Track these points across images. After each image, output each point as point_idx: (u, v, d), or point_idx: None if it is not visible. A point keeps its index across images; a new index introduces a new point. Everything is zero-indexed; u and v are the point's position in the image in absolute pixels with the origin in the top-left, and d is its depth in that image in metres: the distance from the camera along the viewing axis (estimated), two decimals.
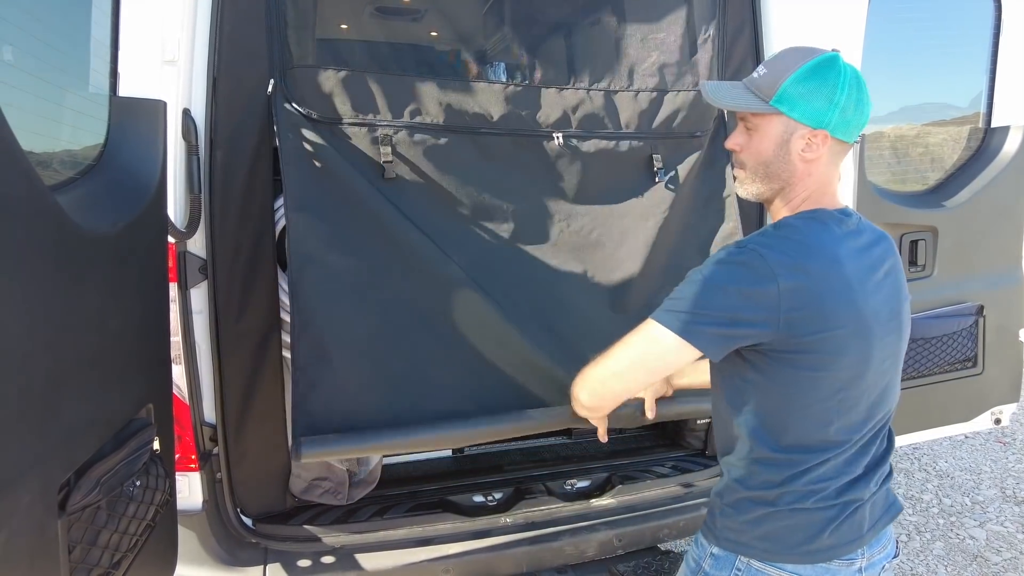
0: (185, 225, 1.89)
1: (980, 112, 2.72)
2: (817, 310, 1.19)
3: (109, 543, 1.30)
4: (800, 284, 1.18)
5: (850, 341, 1.22)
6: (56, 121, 1.48)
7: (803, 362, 1.22)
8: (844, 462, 1.29)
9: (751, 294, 1.19)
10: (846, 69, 1.26)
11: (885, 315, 1.27)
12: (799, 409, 1.26)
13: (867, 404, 1.29)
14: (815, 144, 1.27)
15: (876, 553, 1.34)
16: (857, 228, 1.30)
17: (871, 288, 1.25)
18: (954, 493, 4.00)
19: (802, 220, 1.28)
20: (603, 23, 2.29)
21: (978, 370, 2.71)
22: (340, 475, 2.34)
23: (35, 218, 1.06)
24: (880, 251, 1.31)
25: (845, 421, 1.27)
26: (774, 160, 1.31)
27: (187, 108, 1.86)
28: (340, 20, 2.26)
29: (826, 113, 1.25)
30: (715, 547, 1.36)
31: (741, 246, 1.25)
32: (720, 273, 1.23)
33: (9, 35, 1.28)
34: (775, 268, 1.18)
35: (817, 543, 1.27)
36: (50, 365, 1.11)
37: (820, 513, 1.27)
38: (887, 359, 1.29)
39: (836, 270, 1.21)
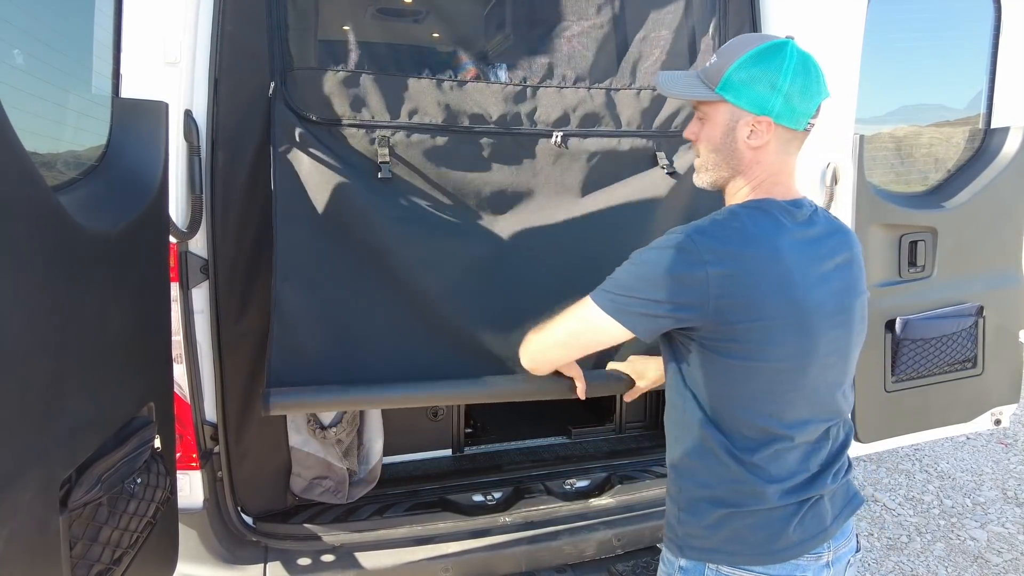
0: (187, 225, 1.90)
1: (980, 113, 2.72)
2: (748, 299, 1.18)
3: (110, 540, 1.31)
4: (731, 271, 1.18)
5: (786, 332, 1.20)
6: (59, 122, 1.49)
7: (736, 351, 1.21)
8: (799, 458, 1.27)
9: (681, 278, 1.19)
10: (793, 55, 1.24)
11: (830, 308, 1.25)
12: (739, 399, 1.24)
13: (815, 399, 1.28)
14: (760, 131, 1.27)
15: (841, 547, 1.33)
16: (808, 220, 1.28)
17: (814, 280, 1.23)
18: (955, 494, 4.00)
19: (745, 208, 1.27)
20: (604, 22, 2.29)
21: (978, 371, 2.71)
22: (340, 474, 2.35)
23: (37, 218, 1.08)
24: (833, 244, 1.29)
25: (791, 414, 1.25)
26: (722, 148, 1.31)
27: (189, 109, 1.87)
28: (341, 22, 2.27)
29: (769, 99, 1.24)
30: (682, 559, 1.33)
31: (679, 231, 1.24)
32: (655, 256, 1.24)
33: (13, 37, 1.29)
34: (706, 254, 1.18)
35: (783, 540, 1.26)
36: (52, 363, 1.12)
37: (781, 510, 1.26)
38: (833, 354, 1.27)
39: (773, 260, 1.20)
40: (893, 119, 2.71)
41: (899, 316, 2.52)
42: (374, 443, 2.46)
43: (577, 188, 2.22)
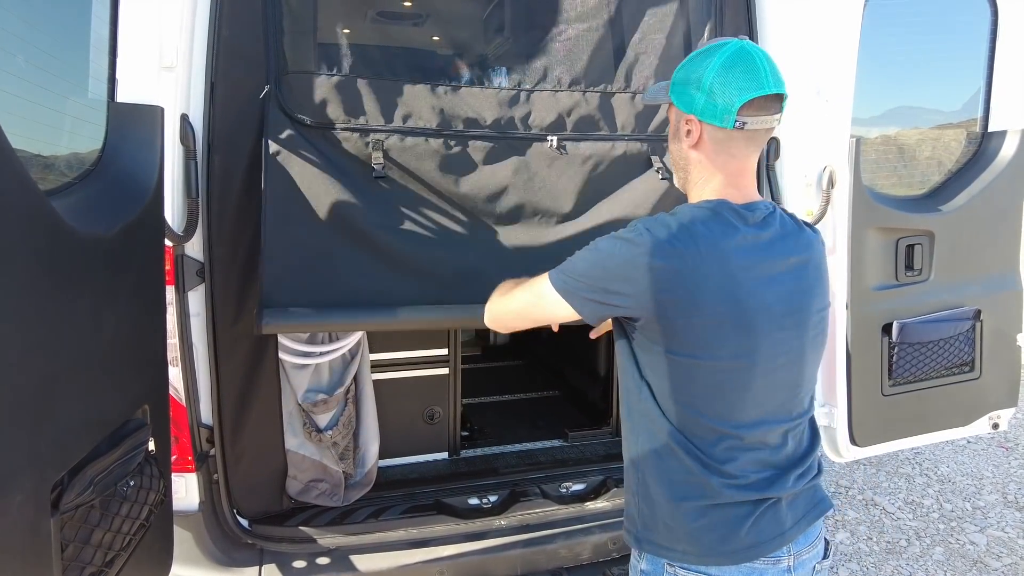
0: (182, 229, 1.91)
1: (977, 116, 2.72)
2: (688, 296, 1.20)
3: (102, 542, 1.31)
4: (674, 267, 1.20)
5: (727, 332, 1.22)
6: (55, 126, 1.50)
7: (678, 348, 1.23)
8: (754, 458, 1.27)
9: (627, 269, 1.22)
10: (724, 53, 1.24)
11: (778, 310, 1.25)
12: (685, 396, 1.26)
13: (766, 400, 1.28)
14: (691, 129, 1.30)
15: (804, 552, 1.31)
16: (762, 222, 1.28)
17: (761, 282, 1.23)
18: (955, 498, 3.99)
19: (698, 208, 1.27)
20: (600, 26, 2.30)
21: (976, 374, 2.70)
22: (336, 477, 2.36)
23: (30, 222, 1.08)
24: (787, 246, 1.29)
25: (739, 415, 1.26)
26: (673, 147, 1.37)
27: (185, 113, 1.88)
28: (339, 25, 2.28)
29: (694, 98, 1.27)
30: (643, 562, 1.34)
31: (635, 224, 1.27)
32: (608, 246, 1.27)
33: (8, 42, 1.30)
34: (654, 248, 1.20)
35: (736, 541, 1.25)
36: (44, 366, 1.12)
37: (734, 509, 1.25)
38: (782, 355, 1.27)
39: (718, 260, 1.21)
40: (889, 122, 2.71)
41: (896, 320, 2.52)
42: (370, 446, 2.46)
43: (572, 192, 2.22)
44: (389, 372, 2.69)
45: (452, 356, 2.79)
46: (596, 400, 3.45)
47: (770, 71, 1.25)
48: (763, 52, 1.27)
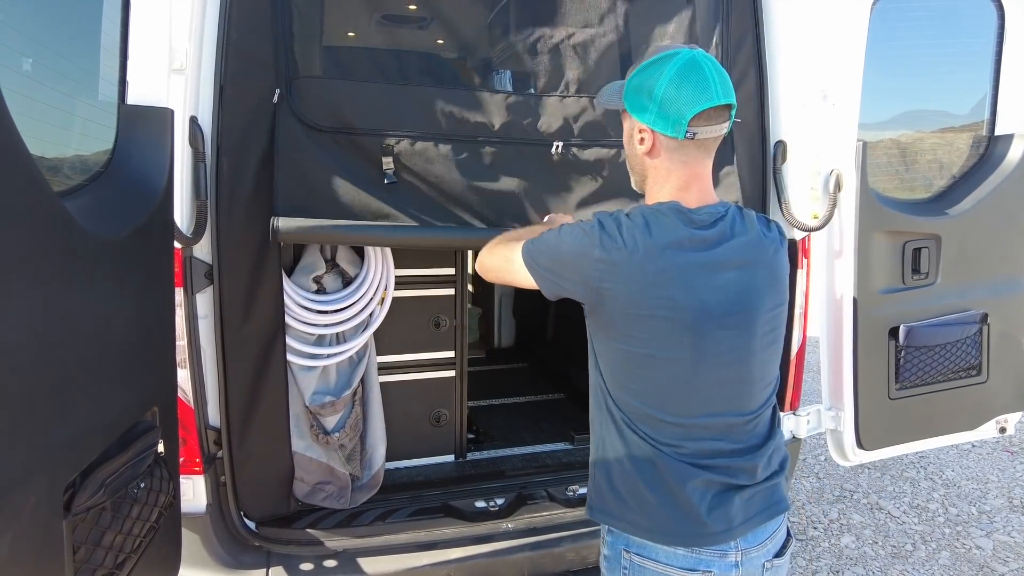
0: (191, 231, 1.91)
1: (984, 119, 2.72)
2: (624, 288, 1.27)
3: (113, 544, 1.31)
4: (613, 260, 1.27)
5: (661, 327, 1.27)
6: (66, 128, 1.51)
7: (617, 336, 1.31)
8: (701, 449, 1.31)
9: (575, 257, 1.32)
10: (676, 64, 1.28)
11: (719, 310, 1.29)
12: (625, 382, 1.33)
13: (713, 396, 1.32)
14: (645, 137, 1.35)
15: (753, 549, 1.33)
16: (710, 225, 1.32)
17: (702, 282, 1.28)
18: (960, 502, 3.98)
19: (647, 208, 1.33)
20: (607, 31, 2.30)
21: (982, 378, 2.69)
22: (343, 479, 2.36)
23: (43, 224, 1.08)
24: (735, 248, 1.32)
25: (680, 408, 1.30)
26: (629, 152, 1.43)
27: (194, 116, 1.89)
28: (346, 29, 2.29)
29: (647, 108, 1.32)
30: (605, 547, 1.41)
31: (594, 216, 1.35)
32: (567, 232, 1.36)
33: (21, 44, 1.30)
34: (601, 241, 1.28)
35: (681, 525, 1.29)
36: (57, 368, 1.13)
37: (679, 493, 1.29)
38: (726, 353, 1.31)
39: (656, 258, 1.26)
40: (896, 126, 2.71)
41: (902, 323, 2.52)
42: (377, 448, 2.46)
43: (578, 197, 2.23)
44: (396, 374, 2.69)
45: (458, 359, 2.79)
46: None
47: (719, 82, 1.29)
48: (713, 62, 1.31)
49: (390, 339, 2.61)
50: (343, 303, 2.33)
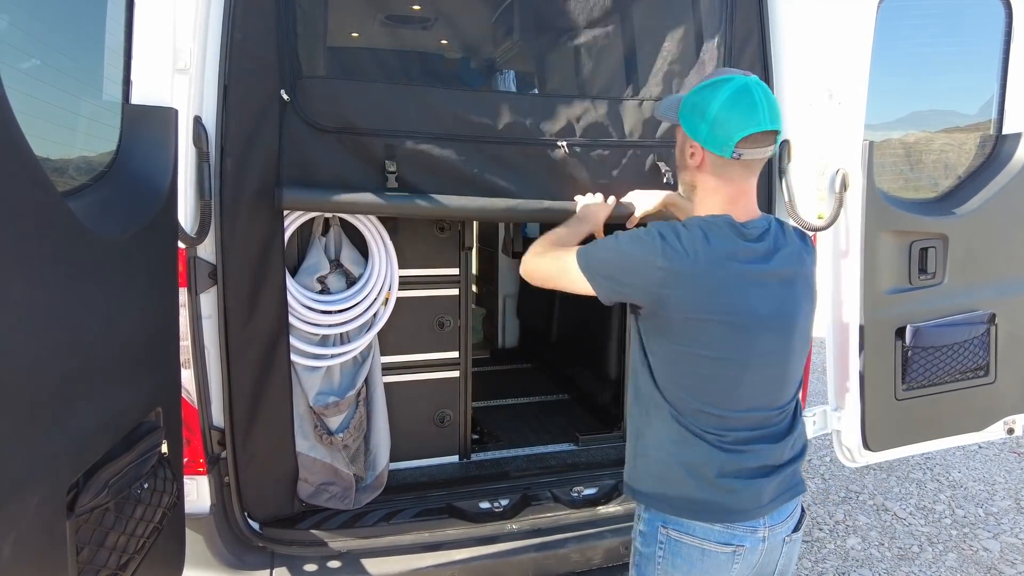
0: (195, 231, 1.91)
1: (991, 119, 2.70)
2: (684, 294, 1.39)
3: (117, 544, 1.31)
4: (675, 268, 1.39)
5: (717, 330, 1.40)
6: (70, 128, 1.51)
7: (673, 337, 1.43)
8: (739, 437, 1.45)
9: (637, 265, 1.43)
10: (729, 90, 1.41)
11: (768, 316, 1.44)
12: (676, 378, 1.45)
13: (753, 391, 1.46)
14: (695, 153, 1.49)
15: (777, 526, 1.49)
16: (758, 237, 1.46)
17: (753, 290, 1.42)
18: (967, 504, 3.96)
19: (702, 221, 1.45)
20: (610, 32, 2.29)
21: (990, 379, 2.67)
22: (347, 480, 2.35)
23: (47, 223, 1.08)
24: (781, 260, 1.46)
25: (729, 403, 1.44)
26: (679, 163, 1.58)
27: (198, 115, 1.88)
28: (350, 30, 2.28)
29: (699, 127, 1.45)
30: (641, 524, 1.52)
31: (652, 227, 1.46)
32: (626, 241, 1.47)
33: (25, 44, 1.30)
34: (663, 251, 1.39)
35: (718, 503, 1.43)
36: (60, 368, 1.12)
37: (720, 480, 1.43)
38: (769, 355, 1.46)
39: (714, 267, 1.39)
40: (903, 125, 2.70)
41: (909, 324, 2.50)
42: (381, 449, 2.46)
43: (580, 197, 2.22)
44: (400, 375, 2.69)
45: (462, 359, 2.78)
46: (607, 404, 3.43)
47: (768, 109, 1.41)
48: (764, 89, 1.43)
49: (394, 339, 2.61)
50: (347, 303, 2.32)
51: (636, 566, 1.55)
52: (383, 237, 2.39)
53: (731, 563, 1.44)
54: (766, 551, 1.48)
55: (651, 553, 1.49)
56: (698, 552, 1.44)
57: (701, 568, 1.44)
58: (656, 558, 1.48)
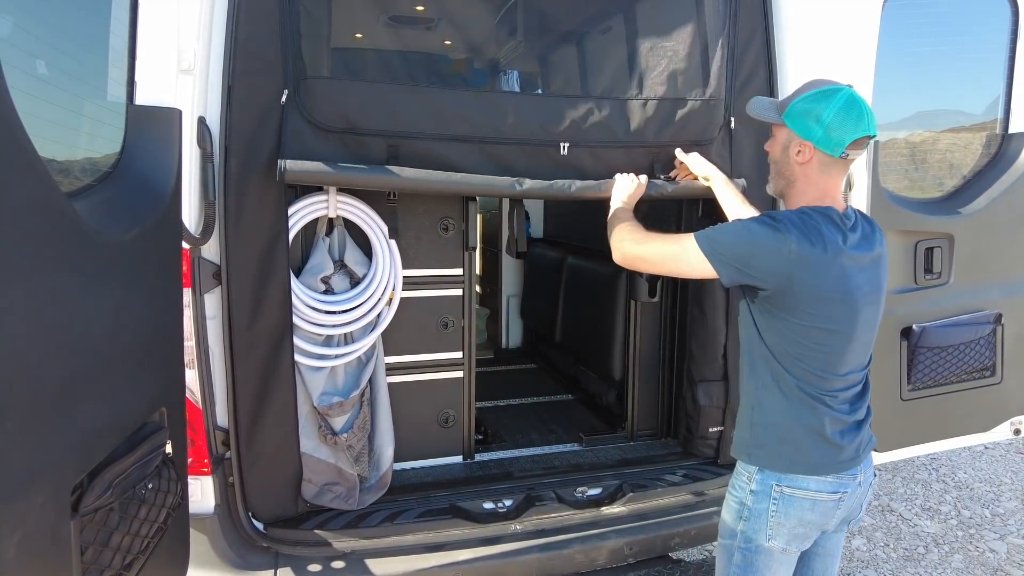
0: (199, 231, 1.91)
1: (997, 118, 2.69)
2: (813, 277, 1.58)
3: (121, 545, 1.31)
4: (806, 254, 1.57)
5: (835, 307, 1.61)
6: (75, 129, 1.51)
7: (798, 315, 1.61)
8: (841, 399, 1.67)
9: (771, 250, 1.59)
10: (842, 99, 1.62)
11: (867, 290, 1.65)
12: (800, 350, 1.63)
13: (854, 356, 1.67)
14: (804, 151, 1.67)
15: (867, 472, 1.75)
16: (854, 225, 1.68)
17: (857, 270, 1.63)
18: (973, 505, 3.94)
19: (816, 211, 1.64)
20: (613, 32, 2.29)
21: (996, 379, 2.66)
22: (351, 480, 2.35)
23: (52, 224, 1.08)
24: (870, 244, 1.68)
25: (837, 367, 1.65)
26: (780, 160, 1.74)
27: (202, 116, 1.88)
28: (354, 31, 2.28)
29: (813, 129, 1.64)
30: (754, 484, 1.70)
31: (773, 215, 1.65)
32: (754, 227, 1.63)
33: (30, 46, 1.31)
34: (793, 236, 1.57)
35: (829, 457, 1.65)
36: (65, 368, 1.13)
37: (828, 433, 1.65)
38: (865, 324, 1.67)
39: (832, 252, 1.59)
40: (908, 124, 2.69)
41: (915, 323, 2.49)
42: (385, 449, 2.46)
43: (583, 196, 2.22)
44: (404, 375, 2.69)
45: (466, 359, 2.78)
46: (611, 404, 3.43)
47: (871, 117, 1.63)
48: (865, 102, 1.64)
49: (398, 340, 2.61)
50: (351, 303, 2.32)
51: (745, 520, 1.71)
52: (387, 237, 2.39)
53: (836, 508, 1.68)
54: (860, 494, 1.73)
55: (763, 508, 1.68)
56: (809, 503, 1.65)
57: (811, 516, 1.66)
58: (769, 513, 1.67)
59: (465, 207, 2.64)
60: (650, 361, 3.14)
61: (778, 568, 1.71)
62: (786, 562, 1.72)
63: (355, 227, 2.37)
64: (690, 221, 2.73)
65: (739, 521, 1.73)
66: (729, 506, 1.78)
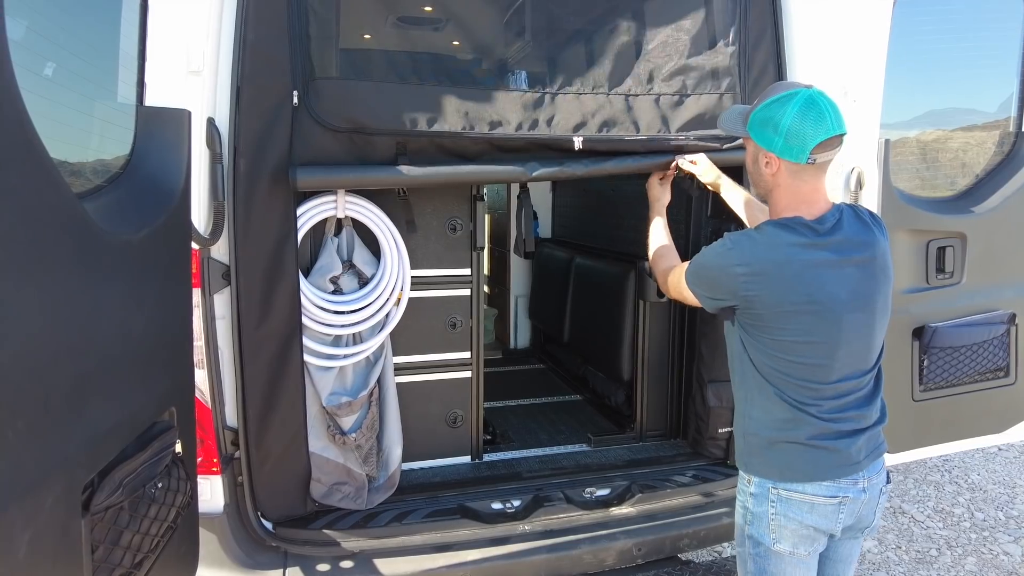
0: (209, 232, 1.92)
1: (1010, 116, 2.66)
2: (768, 292, 1.57)
3: (131, 543, 1.32)
4: (752, 272, 1.57)
5: (803, 318, 1.57)
6: (85, 130, 1.52)
7: (767, 329, 1.61)
8: (835, 405, 1.63)
9: (720, 274, 1.63)
10: (797, 103, 1.56)
11: (848, 299, 1.59)
12: (776, 362, 1.61)
13: (845, 365, 1.62)
14: (771, 162, 1.63)
15: (873, 478, 1.69)
16: (832, 228, 1.61)
17: (831, 278, 1.58)
18: (987, 507, 3.90)
19: (772, 225, 1.62)
20: (623, 29, 2.29)
21: (1010, 380, 2.63)
22: (359, 480, 2.36)
23: (62, 225, 1.09)
24: (853, 247, 1.62)
25: (823, 376, 1.61)
26: (753, 172, 1.72)
27: (211, 117, 1.90)
28: (362, 31, 2.29)
29: (773, 139, 1.60)
30: (752, 487, 1.70)
31: (726, 239, 1.64)
32: (709, 255, 1.67)
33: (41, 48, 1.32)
34: (738, 258, 1.59)
35: (824, 465, 1.63)
36: (75, 368, 1.13)
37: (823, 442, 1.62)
38: (854, 331, 1.62)
39: (790, 263, 1.56)
40: (920, 123, 2.66)
41: (927, 323, 2.47)
42: (393, 449, 2.46)
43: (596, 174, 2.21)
44: (412, 375, 2.69)
45: (474, 360, 2.78)
46: (620, 405, 3.41)
47: (833, 115, 1.56)
48: (828, 99, 1.57)
49: (406, 340, 2.61)
50: (359, 303, 2.33)
51: (750, 524, 1.71)
52: (395, 238, 2.40)
53: (837, 512, 1.65)
54: (867, 500, 1.68)
55: (763, 511, 1.68)
56: (808, 506, 1.64)
57: (812, 519, 1.65)
58: (769, 515, 1.67)
59: (473, 207, 2.64)
60: (659, 361, 3.13)
61: (793, 571, 1.69)
62: (801, 566, 1.70)
63: (363, 227, 2.38)
64: (699, 218, 2.72)
65: (745, 525, 1.74)
66: (737, 511, 1.79)
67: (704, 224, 2.81)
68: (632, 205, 3.54)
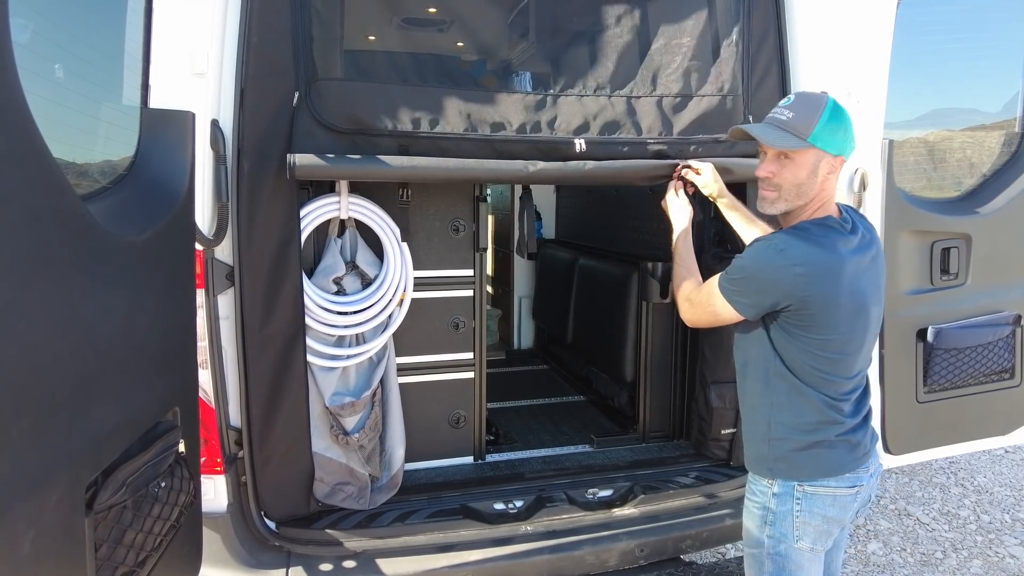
0: (212, 233, 1.93)
1: (1016, 116, 2.65)
2: (823, 291, 1.61)
3: (134, 542, 1.33)
4: (810, 272, 1.60)
5: (847, 315, 1.64)
6: (90, 132, 1.53)
7: (815, 327, 1.63)
8: (852, 399, 1.72)
9: (777, 277, 1.63)
10: (838, 106, 1.66)
11: (871, 292, 1.69)
12: (815, 361, 1.65)
13: (862, 359, 1.72)
14: (837, 167, 1.69)
15: (875, 461, 1.81)
16: (852, 228, 1.69)
17: (861, 273, 1.66)
18: (993, 509, 3.88)
19: (814, 225, 1.67)
20: (626, 30, 2.28)
21: (1016, 381, 2.62)
22: (362, 480, 2.36)
23: (66, 226, 1.10)
24: (867, 243, 1.71)
25: (850, 370, 1.69)
26: (806, 182, 1.69)
27: (215, 119, 1.90)
28: (365, 33, 2.29)
29: (845, 144, 1.68)
30: (775, 487, 1.73)
31: (771, 241, 1.67)
32: (755, 260, 1.67)
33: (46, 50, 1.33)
34: (796, 259, 1.61)
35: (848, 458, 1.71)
36: (79, 367, 1.14)
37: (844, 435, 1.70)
38: (872, 325, 1.72)
39: (837, 262, 1.62)
40: (923, 123, 2.66)
41: (931, 325, 2.46)
42: (396, 449, 2.47)
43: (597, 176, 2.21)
44: (415, 376, 2.70)
45: (477, 360, 2.78)
46: (623, 406, 3.41)
47: None
48: None
49: (409, 340, 2.62)
50: (362, 304, 2.34)
51: (771, 524, 1.74)
52: (398, 238, 2.40)
53: (853, 501, 1.74)
54: (871, 485, 1.78)
55: (787, 510, 1.71)
56: (831, 499, 1.70)
57: (833, 512, 1.71)
58: (793, 513, 1.71)
59: (476, 208, 2.65)
60: (662, 363, 3.13)
61: (810, 568, 1.74)
62: (816, 561, 1.75)
63: (367, 228, 2.38)
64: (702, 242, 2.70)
65: (764, 527, 1.75)
66: (751, 513, 1.79)
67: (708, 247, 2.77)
68: (635, 206, 3.55)
